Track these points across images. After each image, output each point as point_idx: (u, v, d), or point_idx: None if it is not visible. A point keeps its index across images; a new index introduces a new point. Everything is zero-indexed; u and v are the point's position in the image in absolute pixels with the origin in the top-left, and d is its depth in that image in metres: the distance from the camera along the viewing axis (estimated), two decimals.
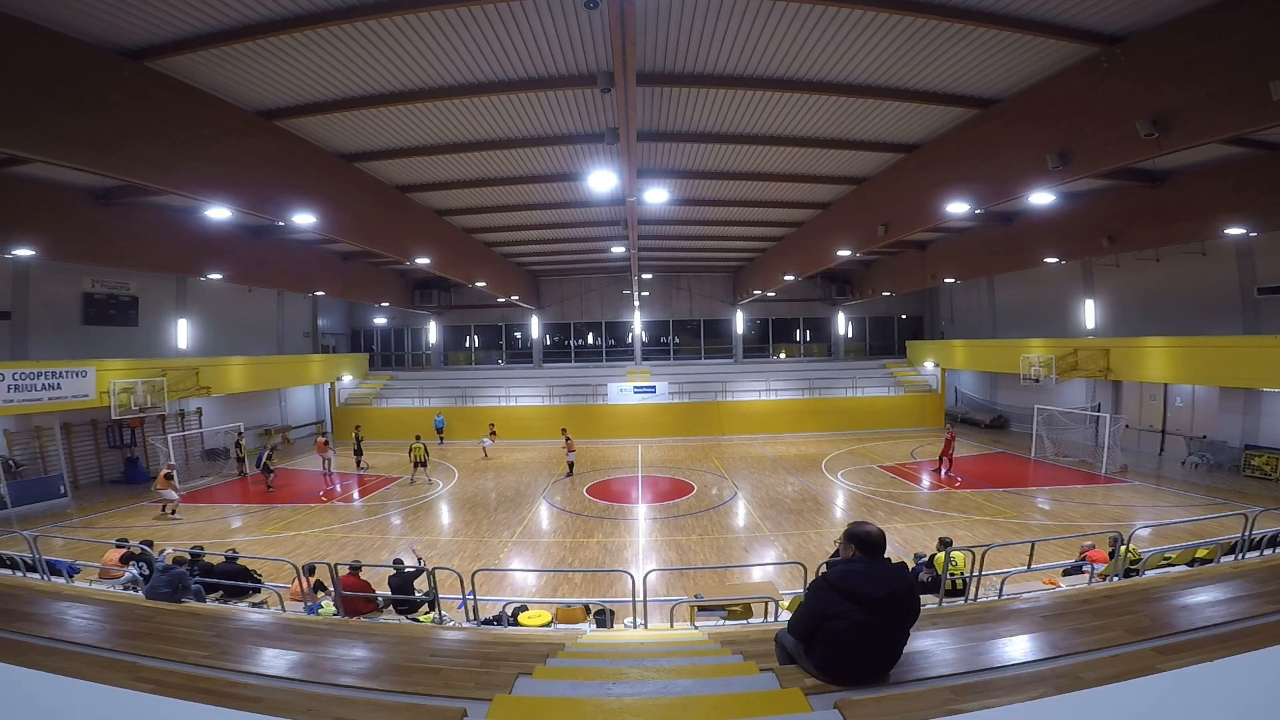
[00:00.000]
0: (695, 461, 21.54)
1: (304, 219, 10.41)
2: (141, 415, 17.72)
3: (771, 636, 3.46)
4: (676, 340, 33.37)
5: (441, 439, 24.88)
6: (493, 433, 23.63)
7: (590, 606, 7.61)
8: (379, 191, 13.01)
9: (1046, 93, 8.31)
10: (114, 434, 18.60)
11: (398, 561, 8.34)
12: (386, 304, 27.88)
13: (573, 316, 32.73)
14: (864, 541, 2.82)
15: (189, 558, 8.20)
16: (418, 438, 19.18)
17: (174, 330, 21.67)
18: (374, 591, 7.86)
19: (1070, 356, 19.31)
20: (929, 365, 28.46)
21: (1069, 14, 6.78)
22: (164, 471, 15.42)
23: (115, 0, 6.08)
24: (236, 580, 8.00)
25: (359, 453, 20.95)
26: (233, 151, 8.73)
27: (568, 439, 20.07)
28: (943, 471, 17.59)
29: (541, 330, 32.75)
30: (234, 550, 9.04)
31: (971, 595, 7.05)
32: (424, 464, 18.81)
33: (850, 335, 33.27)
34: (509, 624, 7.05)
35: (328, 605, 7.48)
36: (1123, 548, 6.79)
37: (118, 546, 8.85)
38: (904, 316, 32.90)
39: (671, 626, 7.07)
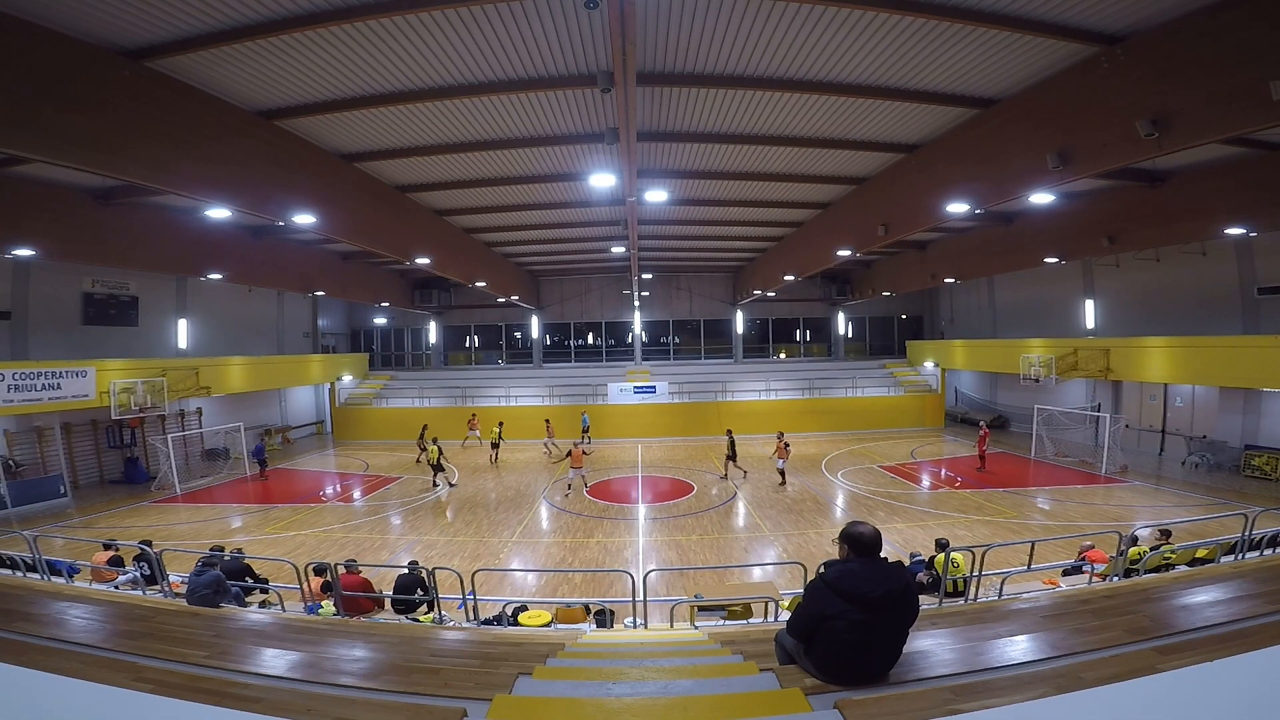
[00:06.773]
0: (695, 461, 21.58)
1: (304, 219, 10.41)
2: (141, 415, 17.72)
3: (771, 636, 3.47)
4: (676, 340, 33.45)
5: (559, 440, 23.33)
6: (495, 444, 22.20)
7: (590, 606, 7.61)
8: (379, 191, 13.02)
9: (1046, 92, 8.31)
10: (114, 434, 18.62)
11: (413, 564, 8.26)
12: (386, 304, 27.89)
13: (573, 316, 32.82)
14: (858, 542, 2.81)
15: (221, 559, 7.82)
16: (435, 440, 18.37)
17: (174, 330, 21.68)
18: (373, 589, 7.86)
19: (1070, 356, 19.32)
20: (929, 365, 28.49)
21: (1069, 14, 6.78)
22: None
23: (115, 0, 6.08)
24: (241, 577, 7.97)
25: (495, 446, 22.00)
26: (233, 151, 8.74)
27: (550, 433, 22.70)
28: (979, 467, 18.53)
29: (541, 330, 32.79)
30: (239, 550, 9.04)
31: (971, 595, 7.05)
32: (440, 468, 17.85)
33: (850, 335, 33.30)
34: (509, 624, 7.04)
35: (328, 605, 7.47)
36: (1132, 549, 6.79)
37: (106, 548, 8.82)
38: (904, 316, 33.01)
39: (671, 627, 7.07)
